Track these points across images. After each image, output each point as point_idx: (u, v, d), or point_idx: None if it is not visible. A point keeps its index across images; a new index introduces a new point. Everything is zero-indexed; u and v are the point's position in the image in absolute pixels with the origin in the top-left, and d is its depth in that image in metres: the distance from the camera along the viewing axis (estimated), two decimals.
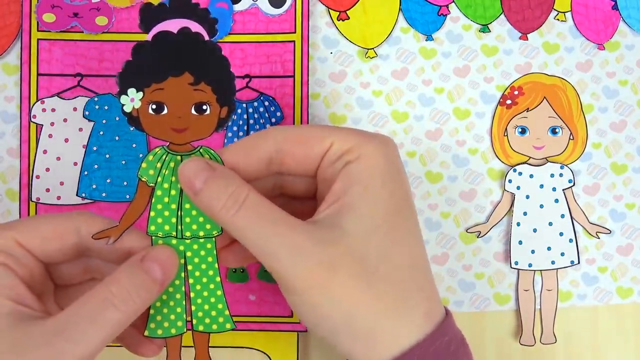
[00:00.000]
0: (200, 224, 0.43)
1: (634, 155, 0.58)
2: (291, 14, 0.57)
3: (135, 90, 0.41)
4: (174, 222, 0.43)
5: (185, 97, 0.42)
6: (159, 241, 0.43)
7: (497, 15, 0.58)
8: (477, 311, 0.57)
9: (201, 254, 0.43)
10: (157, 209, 0.42)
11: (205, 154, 0.43)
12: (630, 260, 0.58)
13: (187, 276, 0.43)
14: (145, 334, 0.44)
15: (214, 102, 0.42)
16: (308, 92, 0.57)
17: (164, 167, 0.42)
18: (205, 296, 0.44)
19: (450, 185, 0.58)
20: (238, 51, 0.57)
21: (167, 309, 0.43)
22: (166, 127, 0.42)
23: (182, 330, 0.44)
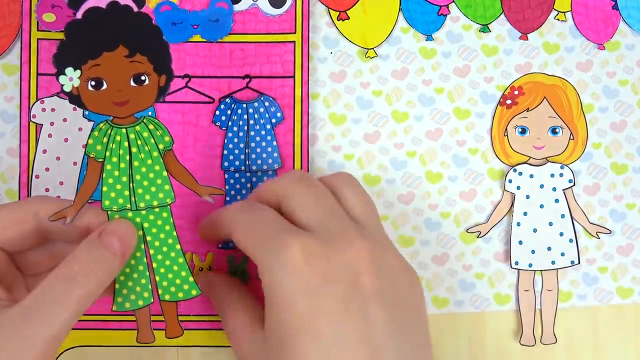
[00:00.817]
0: (153, 193, 0.44)
1: (634, 155, 0.58)
2: (291, 14, 0.57)
3: (72, 69, 0.42)
4: (127, 194, 0.43)
5: (122, 70, 0.42)
6: (115, 215, 0.43)
7: (497, 15, 0.58)
8: (477, 311, 0.57)
9: (158, 224, 0.44)
10: (108, 183, 0.43)
11: (149, 124, 0.44)
12: (631, 260, 0.58)
13: (147, 247, 0.44)
14: (114, 309, 0.45)
15: (151, 72, 0.43)
16: (308, 93, 0.57)
17: (110, 141, 0.43)
18: (168, 265, 0.44)
19: (450, 185, 0.58)
20: (238, 51, 0.57)
21: (131, 281, 0.44)
22: (107, 102, 0.43)
23: (149, 300, 0.45)
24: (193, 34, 0.57)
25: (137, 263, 0.44)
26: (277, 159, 0.56)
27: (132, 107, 0.43)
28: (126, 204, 0.43)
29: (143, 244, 0.44)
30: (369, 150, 0.58)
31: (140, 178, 0.43)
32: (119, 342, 0.55)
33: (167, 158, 0.44)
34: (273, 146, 0.56)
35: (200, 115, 0.57)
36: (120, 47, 0.42)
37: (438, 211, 0.58)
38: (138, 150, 0.44)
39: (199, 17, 0.57)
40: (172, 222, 0.44)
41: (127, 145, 0.43)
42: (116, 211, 0.43)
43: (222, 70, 0.57)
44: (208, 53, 0.57)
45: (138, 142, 0.44)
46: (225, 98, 0.57)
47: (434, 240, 0.58)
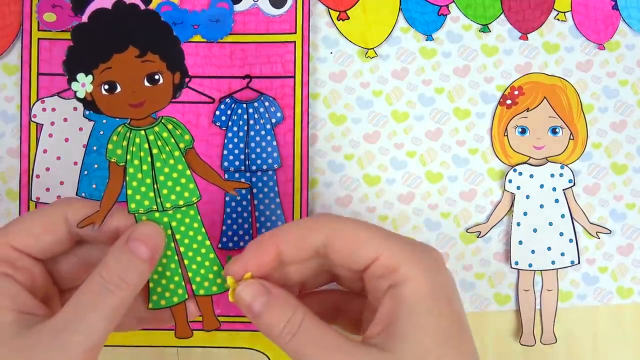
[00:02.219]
0: (178, 193, 0.43)
1: (634, 155, 0.58)
2: (292, 14, 0.57)
3: (84, 74, 0.41)
4: (152, 196, 0.43)
5: (135, 70, 0.42)
6: (142, 217, 0.43)
7: (497, 15, 0.58)
8: (477, 311, 0.57)
9: (186, 222, 0.44)
10: (133, 186, 0.43)
11: (167, 124, 0.43)
12: (631, 260, 0.58)
13: (177, 245, 0.44)
14: (150, 307, 0.44)
15: (165, 70, 0.42)
16: (309, 93, 0.57)
17: (130, 144, 0.42)
18: (199, 261, 0.44)
19: (450, 185, 0.58)
20: (239, 51, 0.57)
21: (165, 279, 0.44)
22: (123, 105, 0.42)
23: (183, 297, 0.44)
24: (193, 34, 0.57)
25: (169, 261, 0.44)
26: (277, 159, 0.56)
27: (149, 108, 0.42)
28: (152, 206, 0.43)
29: (173, 242, 0.44)
30: (369, 150, 0.58)
31: (164, 179, 0.43)
32: (118, 343, 0.55)
33: (188, 156, 0.44)
34: (273, 146, 0.56)
35: (200, 115, 0.57)
36: (131, 47, 0.41)
37: (438, 211, 0.58)
38: (159, 151, 0.43)
39: (199, 17, 0.57)
40: (199, 219, 0.44)
41: (147, 147, 0.43)
42: (143, 213, 0.43)
43: (223, 70, 0.57)
44: (208, 53, 0.57)
45: (158, 142, 0.43)
46: (226, 98, 0.57)
47: (434, 240, 0.58)
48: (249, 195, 0.57)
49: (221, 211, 0.57)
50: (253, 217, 0.57)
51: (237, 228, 0.57)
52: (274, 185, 0.57)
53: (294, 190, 0.56)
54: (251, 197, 0.57)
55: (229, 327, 0.56)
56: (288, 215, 0.56)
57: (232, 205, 0.56)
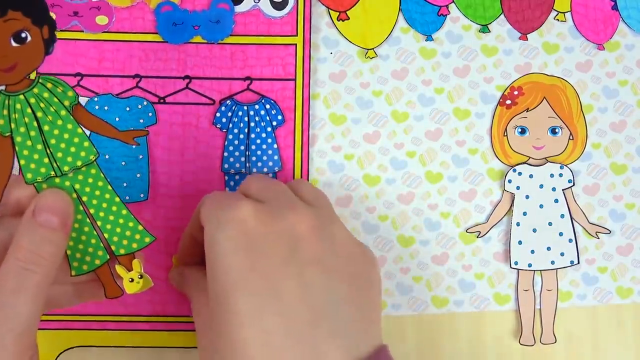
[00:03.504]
0: (74, 154, 0.41)
1: (634, 155, 0.58)
2: (293, 16, 0.57)
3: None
4: (47, 162, 0.41)
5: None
6: (43, 186, 0.41)
7: (497, 15, 0.58)
8: (477, 311, 0.57)
9: (89, 182, 0.42)
10: (24, 155, 0.40)
11: (46, 83, 0.41)
12: (630, 260, 0.58)
13: (86, 208, 0.42)
14: (73, 274, 0.43)
15: (31, 26, 0.39)
16: (309, 96, 0.57)
17: (11, 112, 0.40)
18: (112, 220, 0.42)
19: (450, 185, 0.58)
20: (239, 53, 0.57)
21: (81, 244, 0.42)
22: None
23: (105, 258, 0.43)
24: (194, 34, 0.57)
25: (81, 225, 0.42)
26: (278, 162, 0.56)
27: (22, 69, 0.39)
28: (50, 172, 0.41)
29: (81, 205, 0.42)
30: (369, 150, 0.58)
31: (55, 142, 0.40)
32: (118, 343, 0.55)
33: (77, 113, 0.41)
34: (273, 149, 0.56)
35: (200, 116, 0.57)
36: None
37: (438, 211, 0.58)
38: (44, 114, 0.40)
39: (199, 17, 0.57)
40: (102, 176, 0.42)
41: (30, 112, 0.40)
42: (42, 181, 0.41)
43: (223, 72, 0.57)
44: (209, 54, 0.57)
45: (41, 105, 0.40)
46: (226, 100, 0.57)
47: (434, 240, 0.58)
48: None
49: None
50: None
51: None
52: None
53: None
54: None
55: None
56: None
57: None
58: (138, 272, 0.44)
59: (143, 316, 0.56)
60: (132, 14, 0.57)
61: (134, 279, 0.44)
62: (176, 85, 0.57)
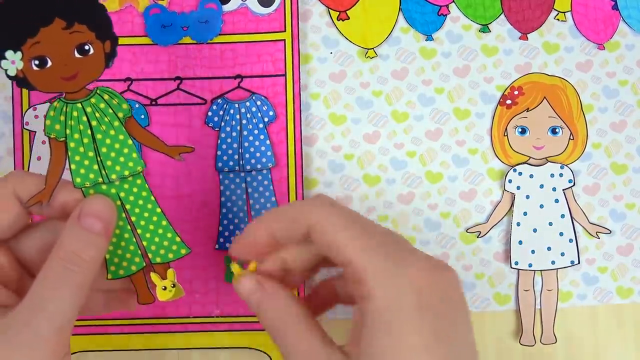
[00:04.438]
0: (123, 163, 0.43)
1: (634, 155, 0.58)
2: (280, 12, 0.57)
3: (12, 52, 0.40)
4: (96, 169, 0.42)
5: (63, 43, 0.41)
6: (90, 191, 0.43)
7: (497, 15, 0.58)
8: (477, 311, 0.58)
9: (134, 191, 0.43)
10: (76, 160, 0.42)
11: (103, 94, 0.43)
12: (630, 260, 0.58)
13: (128, 215, 0.44)
14: (108, 277, 0.44)
15: (94, 40, 0.41)
16: (300, 90, 0.56)
17: (68, 119, 0.42)
18: (152, 229, 0.44)
19: (450, 185, 0.58)
20: (229, 51, 0.57)
21: (120, 250, 0.44)
22: (56, 79, 0.41)
23: (141, 265, 0.44)
24: (183, 35, 0.57)
25: (122, 232, 0.44)
26: (271, 158, 0.56)
27: (82, 80, 0.42)
28: (98, 178, 0.42)
29: (123, 212, 0.43)
30: (369, 150, 0.57)
31: (106, 150, 0.42)
32: (120, 347, 0.55)
33: (129, 125, 0.43)
34: (266, 145, 0.56)
35: (192, 116, 0.57)
36: (57, 20, 0.40)
37: (438, 211, 0.58)
38: (98, 123, 0.42)
39: (188, 18, 0.57)
40: (147, 187, 0.44)
41: (86, 120, 0.42)
42: (89, 187, 0.43)
43: (214, 71, 0.57)
44: (199, 54, 0.57)
45: (96, 114, 0.42)
46: (217, 99, 0.57)
47: (434, 240, 0.58)
48: (244, 195, 0.56)
49: (217, 212, 0.56)
50: (249, 216, 0.56)
51: (233, 228, 0.56)
52: (269, 184, 0.56)
53: (289, 188, 0.56)
54: (247, 197, 0.56)
55: (229, 328, 0.56)
56: None
57: (228, 205, 0.56)
58: (171, 281, 0.45)
59: (143, 319, 0.55)
60: (121, 17, 0.57)
61: (167, 287, 0.45)
62: (167, 86, 0.57)
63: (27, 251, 0.45)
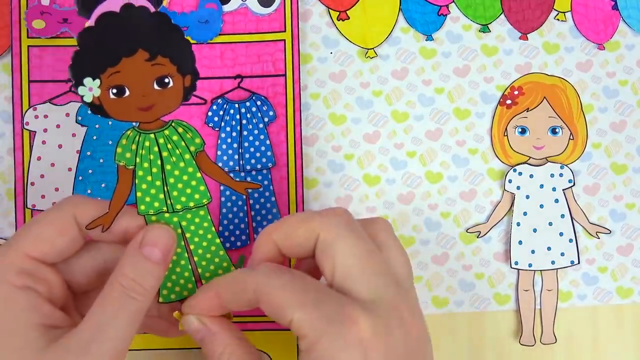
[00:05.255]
0: (189, 195, 0.43)
1: (634, 155, 0.58)
2: (280, 12, 0.57)
3: (91, 79, 0.40)
4: (162, 198, 0.42)
5: (144, 74, 0.40)
6: (152, 218, 0.43)
7: (497, 15, 0.58)
8: (477, 311, 0.58)
9: (196, 221, 0.43)
10: (142, 189, 0.42)
11: (178, 127, 0.42)
12: (630, 260, 0.58)
13: (187, 243, 0.44)
14: (160, 301, 0.44)
15: (175, 73, 0.41)
16: (300, 91, 0.56)
17: (139, 148, 0.42)
18: (209, 258, 0.44)
19: (450, 185, 0.58)
20: (229, 51, 0.57)
21: (174, 275, 0.44)
22: (132, 108, 0.41)
23: (193, 291, 0.44)
24: None
25: (179, 258, 0.44)
26: (271, 158, 0.56)
27: (158, 111, 0.41)
28: (162, 207, 0.42)
29: (182, 240, 0.43)
30: (369, 150, 0.57)
31: (174, 181, 0.42)
32: None
33: (199, 159, 0.43)
34: (266, 145, 0.56)
35: (192, 116, 0.56)
36: (140, 51, 0.40)
37: (438, 211, 0.58)
38: (169, 154, 0.42)
39: (188, 18, 0.56)
40: (209, 219, 0.44)
41: (157, 150, 0.42)
42: (152, 214, 0.42)
43: (214, 71, 0.57)
44: (199, 54, 0.56)
45: (168, 146, 0.42)
46: (217, 99, 0.56)
47: (434, 240, 0.58)
48: (244, 195, 0.56)
49: (217, 212, 0.56)
50: (249, 216, 0.56)
51: (233, 228, 0.56)
52: (268, 184, 0.56)
53: (289, 188, 0.56)
54: (247, 197, 0.56)
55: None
56: (284, 213, 0.56)
57: (228, 205, 0.56)
58: None
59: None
60: None
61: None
62: None
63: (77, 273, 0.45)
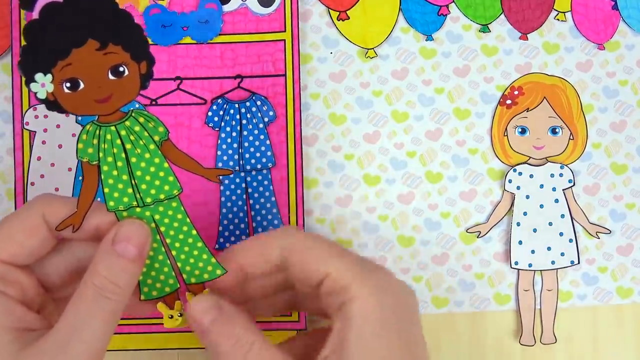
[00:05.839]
0: (158, 187, 0.41)
1: (634, 155, 0.58)
2: (280, 12, 0.57)
3: (42, 74, 0.38)
4: (130, 192, 0.41)
5: (97, 64, 0.38)
6: (123, 214, 0.41)
7: (497, 15, 0.58)
8: (477, 311, 0.58)
9: (169, 214, 0.42)
10: (109, 184, 0.40)
11: (139, 117, 0.41)
12: (630, 260, 0.58)
13: (163, 237, 0.42)
14: (142, 299, 0.43)
15: (129, 61, 0.39)
16: (300, 91, 0.56)
17: (101, 142, 0.40)
18: (187, 251, 0.43)
19: (450, 185, 0.58)
20: (229, 51, 0.57)
21: (154, 271, 0.43)
22: (88, 101, 0.39)
23: (175, 286, 0.43)
24: (183, 35, 0.57)
25: (156, 253, 0.42)
26: (271, 158, 0.56)
27: (116, 102, 0.39)
28: (132, 202, 0.41)
29: (158, 234, 0.42)
30: (369, 150, 0.57)
31: (141, 174, 0.41)
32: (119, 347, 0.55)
33: (165, 148, 0.41)
34: (266, 145, 0.56)
35: (192, 116, 0.56)
36: (90, 40, 0.38)
37: (438, 211, 0.58)
38: (133, 146, 0.40)
39: (188, 18, 0.57)
40: (183, 209, 0.42)
41: (120, 143, 0.40)
42: (123, 210, 0.41)
43: (214, 71, 0.57)
44: (199, 54, 0.57)
45: (131, 137, 0.40)
46: (217, 99, 0.57)
47: (434, 240, 0.58)
48: (244, 195, 0.56)
49: (217, 212, 0.56)
50: (249, 216, 0.56)
51: (233, 228, 0.56)
52: (269, 184, 0.56)
53: (289, 188, 0.56)
54: (247, 197, 0.56)
55: None
56: (284, 213, 0.56)
57: (228, 205, 0.56)
58: (178, 311, 0.44)
59: (142, 319, 0.55)
60: None
61: (174, 316, 0.44)
62: (167, 86, 0.56)
63: (50, 273, 0.44)
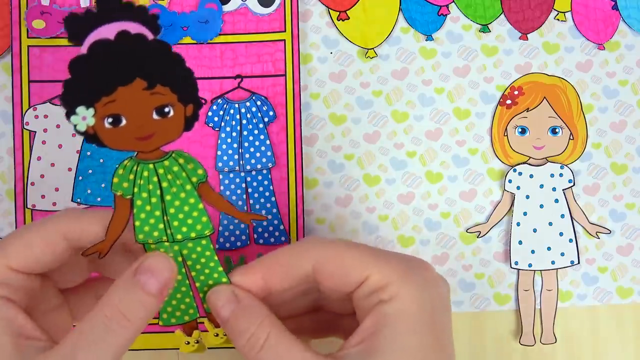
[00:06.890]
0: (190, 225, 0.40)
1: (634, 155, 0.58)
2: (280, 12, 0.57)
3: (84, 107, 0.37)
4: (162, 227, 0.40)
5: (142, 103, 0.37)
6: (152, 246, 0.40)
7: (497, 15, 0.58)
8: (477, 311, 0.58)
9: (198, 250, 0.41)
10: (141, 218, 0.40)
11: (178, 158, 0.40)
12: (630, 260, 0.58)
13: (188, 270, 0.42)
14: (160, 324, 0.42)
15: (176, 102, 0.38)
16: (300, 90, 0.56)
17: (137, 177, 0.39)
18: (211, 284, 0.42)
19: (450, 185, 0.58)
20: (229, 51, 0.57)
21: (175, 301, 0.42)
22: (129, 138, 0.38)
23: (195, 315, 0.43)
24: (183, 35, 0.57)
25: (180, 285, 0.42)
26: (271, 158, 0.56)
27: (158, 141, 0.38)
28: (162, 236, 0.40)
29: (184, 267, 0.41)
30: (369, 150, 0.57)
31: (174, 211, 0.40)
32: None
33: (202, 190, 0.40)
34: (266, 145, 0.56)
35: None
36: (138, 80, 0.37)
37: (438, 211, 0.58)
38: (169, 185, 0.40)
39: (188, 18, 0.57)
40: (211, 247, 0.41)
41: (156, 180, 0.39)
42: (152, 243, 0.40)
43: (214, 71, 0.57)
44: (199, 54, 0.57)
45: (168, 176, 0.40)
46: (217, 99, 0.57)
47: (434, 240, 0.58)
48: (244, 195, 0.56)
49: (217, 212, 0.56)
50: None
51: (233, 228, 0.56)
52: (268, 184, 0.56)
53: (289, 188, 0.56)
54: (247, 197, 0.56)
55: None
56: (284, 213, 0.56)
57: None
58: (195, 339, 0.44)
59: None
60: None
61: (190, 343, 0.44)
62: None
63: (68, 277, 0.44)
